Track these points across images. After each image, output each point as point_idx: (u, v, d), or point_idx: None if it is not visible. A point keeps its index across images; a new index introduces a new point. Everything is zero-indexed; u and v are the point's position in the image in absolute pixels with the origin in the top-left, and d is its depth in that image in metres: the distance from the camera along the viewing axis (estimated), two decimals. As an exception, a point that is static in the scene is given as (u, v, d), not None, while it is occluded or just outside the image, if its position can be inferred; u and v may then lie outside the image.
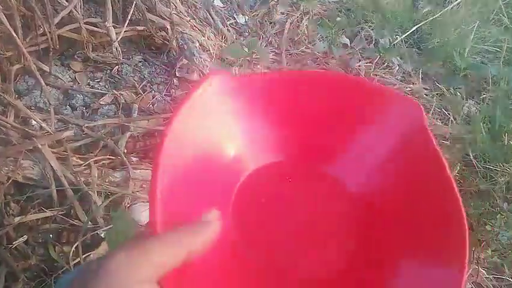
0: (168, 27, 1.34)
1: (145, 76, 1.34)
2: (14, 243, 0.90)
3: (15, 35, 1.01)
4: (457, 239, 0.33)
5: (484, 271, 1.13)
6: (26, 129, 1.01)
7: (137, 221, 0.99)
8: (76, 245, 0.90)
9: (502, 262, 1.16)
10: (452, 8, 1.88)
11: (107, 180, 1.01)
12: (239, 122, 0.41)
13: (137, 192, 1.01)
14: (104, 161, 1.06)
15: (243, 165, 0.42)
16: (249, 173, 0.42)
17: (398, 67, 1.68)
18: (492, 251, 1.17)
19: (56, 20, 1.14)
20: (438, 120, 1.51)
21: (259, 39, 1.71)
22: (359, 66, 1.67)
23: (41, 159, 0.97)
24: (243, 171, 0.42)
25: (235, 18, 1.72)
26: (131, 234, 0.69)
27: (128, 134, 1.14)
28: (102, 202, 0.96)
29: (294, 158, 0.43)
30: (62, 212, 0.96)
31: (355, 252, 0.39)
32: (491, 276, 1.14)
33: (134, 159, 1.11)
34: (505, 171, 1.30)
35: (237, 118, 0.41)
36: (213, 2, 1.66)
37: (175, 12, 1.38)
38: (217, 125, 0.39)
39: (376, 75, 1.64)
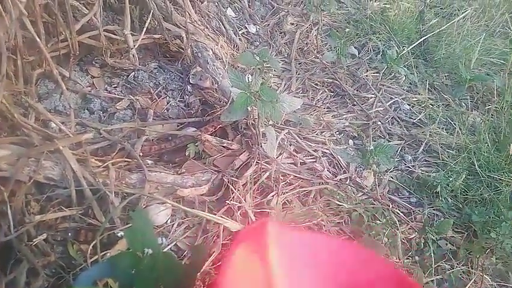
0: (183, 35, 1.38)
1: (160, 82, 1.39)
2: (34, 240, 0.93)
3: (38, 40, 1.05)
4: None
5: (488, 278, 1.15)
6: (47, 132, 1.04)
7: (153, 222, 1.02)
8: (93, 243, 0.93)
9: (506, 269, 1.18)
10: (458, 20, 1.92)
11: (124, 182, 1.04)
12: (282, 273, 0.48)
13: (154, 194, 1.04)
14: (121, 163, 1.09)
15: None
16: None
17: (404, 77, 1.72)
18: (496, 258, 1.19)
19: (77, 27, 1.18)
20: (444, 130, 1.54)
21: (270, 48, 1.75)
22: (367, 76, 1.71)
23: (62, 160, 1.01)
24: None
25: (246, 28, 1.77)
26: (149, 233, 0.73)
27: (143, 137, 1.18)
28: (120, 203, 0.99)
29: None
30: (81, 212, 0.99)
31: None
32: (495, 284, 1.16)
33: (149, 162, 1.14)
34: (510, 180, 1.33)
35: (280, 269, 0.48)
36: (225, 12, 1.71)
37: (189, 21, 1.42)
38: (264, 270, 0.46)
39: (383, 85, 1.68)
